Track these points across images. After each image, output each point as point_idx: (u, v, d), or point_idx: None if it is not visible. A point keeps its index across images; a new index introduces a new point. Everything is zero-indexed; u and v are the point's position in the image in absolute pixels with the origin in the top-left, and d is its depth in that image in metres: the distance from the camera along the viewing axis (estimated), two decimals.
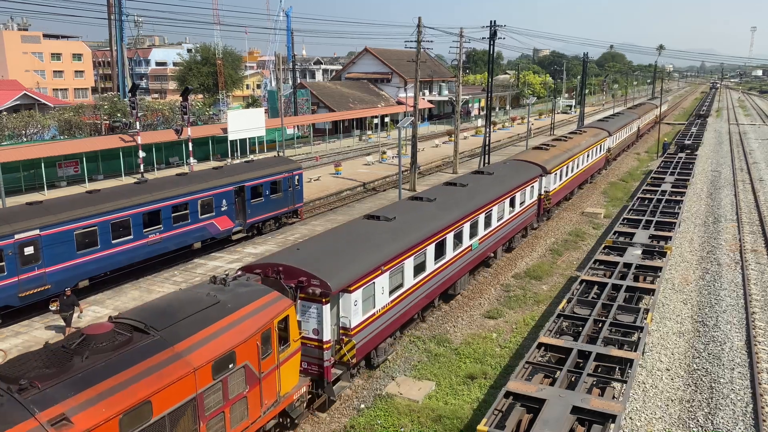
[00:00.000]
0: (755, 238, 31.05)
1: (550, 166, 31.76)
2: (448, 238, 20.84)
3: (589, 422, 11.60)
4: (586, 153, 40.17)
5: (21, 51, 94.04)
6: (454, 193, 23.74)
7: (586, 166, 40.85)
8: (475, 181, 26.03)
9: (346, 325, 15.23)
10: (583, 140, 40.95)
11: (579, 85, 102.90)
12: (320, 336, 14.58)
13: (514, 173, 28.61)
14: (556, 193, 33.66)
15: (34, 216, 20.91)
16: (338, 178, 46.46)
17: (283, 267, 14.81)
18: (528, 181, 28.89)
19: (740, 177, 48.50)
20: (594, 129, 48.30)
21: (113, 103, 57.70)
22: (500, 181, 26.45)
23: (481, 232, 23.62)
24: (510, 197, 26.44)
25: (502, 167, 29.78)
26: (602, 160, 47.50)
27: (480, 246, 23.75)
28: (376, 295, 16.37)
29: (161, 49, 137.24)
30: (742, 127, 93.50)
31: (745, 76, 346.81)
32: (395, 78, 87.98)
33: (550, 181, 31.59)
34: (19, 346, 18.55)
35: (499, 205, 25.25)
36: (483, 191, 24.48)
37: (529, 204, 29.39)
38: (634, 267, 20.82)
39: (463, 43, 48.94)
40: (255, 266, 15.12)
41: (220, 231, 28.37)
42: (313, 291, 14.25)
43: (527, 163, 31.25)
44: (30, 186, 41.67)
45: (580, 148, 38.69)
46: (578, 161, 38.11)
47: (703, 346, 19.08)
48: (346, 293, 15.08)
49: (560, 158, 34.19)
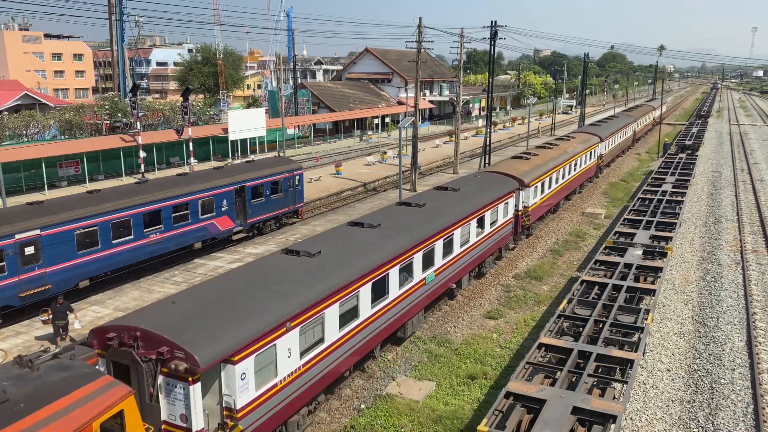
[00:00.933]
0: (756, 239, 31.03)
1: (529, 178, 28.80)
2: (392, 273, 17.32)
3: (589, 423, 11.59)
4: (573, 161, 36.88)
5: (22, 51, 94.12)
6: (405, 216, 20.06)
7: (573, 175, 37.70)
8: (434, 199, 22.42)
9: (230, 405, 11.82)
10: (569, 147, 37.61)
11: (580, 86, 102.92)
12: (189, 424, 11.27)
13: (485, 188, 25.22)
14: (537, 209, 30.45)
15: (35, 216, 20.92)
16: (339, 179, 46.47)
17: (140, 332, 11.39)
18: (502, 197, 25.59)
19: (741, 177, 48.47)
20: (584, 134, 44.86)
21: (114, 103, 57.74)
22: (466, 199, 23.07)
23: (438, 262, 20.21)
24: (478, 217, 23.21)
25: (472, 181, 26.23)
26: (593, 168, 44.43)
27: (437, 278, 20.32)
28: (279, 360, 12.84)
29: (162, 49, 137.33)
30: (742, 127, 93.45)
31: (746, 76, 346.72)
32: (396, 78, 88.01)
33: (529, 195, 28.55)
34: (20, 345, 18.56)
35: (464, 227, 21.96)
36: (442, 212, 20.97)
37: (503, 223, 26.00)
38: (635, 267, 20.80)
39: (463, 44, 48.96)
40: (108, 329, 11.73)
41: (220, 231, 28.37)
42: (176, 366, 10.90)
43: (502, 176, 27.98)
44: (31, 186, 41.70)
45: (566, 156, 35.55)
46: (564, 171, 34.93)
47: (704, 347, 19.07)
48: (229, 364, 11.64)
49: (542, 169, 31.11)
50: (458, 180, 26.90)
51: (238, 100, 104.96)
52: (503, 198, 25.82)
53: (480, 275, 25.26)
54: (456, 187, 24.20)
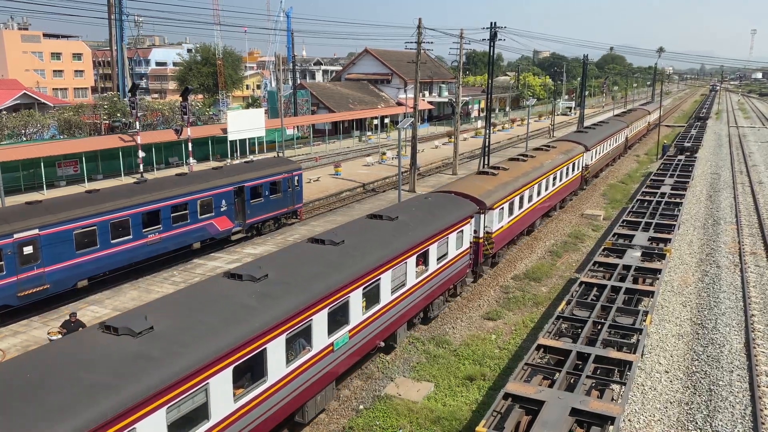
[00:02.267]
0: (754, 241, 31.07)
1: (493, 199, 24.69)
2: (273, 347, 12.56)
3: (587, 424, 11.59)
4: (551, 175, 32.92)
5: (21, 50, 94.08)
6: (313, 260, 15.35)
7: (551, 191, 33.54)
8: (360, 233, 17.75)
9: None
10: (548, 159, 33.68)
11: (579, 87, 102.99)
12: None
13: (433, 214, 20.69)
14: (503, 234, 26.27)
15: (34, 215, 20.90)
16: (338, 179, 46.47)
17: None
18: (455, 224, 21.23)
19: (740, 179, 48.53)
20: (566, 143, 40.33)
21: (113, 103, 57.69)
22: (403, 231, 18.39)
23: (355, 319, 15.61)
24: (420, 252, 18.86)
25: (418, 205, 21.38)
26: (577, 181, 40.27)
27: (354, 340, 15.69)
28: None
29: (161, 49, 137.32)
30: (741, 129, 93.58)
31: (745, 78, 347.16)
32: (395, 79, 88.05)
33: (493, 218, 24.56)
34: (18, 345, 18.55)
35: (398, 268, 17.49)
36: (366, 252, 16.40)
37: (456, 255, 21.72)
38: (634, 269, 20.80)
39: (463, 45, 49.00)
40: None
41: (219, 231, 28.36)
42: None
43: (458, 197, 23.40)
44: (29, 185, 41.66)
45: (542, 170, 31.43)
46: (539, 187, 30.84)
47: (702, 349, 19.08)
48: None
49: (510, 187, 26.95)
50: (401, 205, 22.02)
51: (237, 100, 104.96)
52: (457, 225, 21.39)
53: (426, 320, 20.98)
54: (393, 215, 19.37)
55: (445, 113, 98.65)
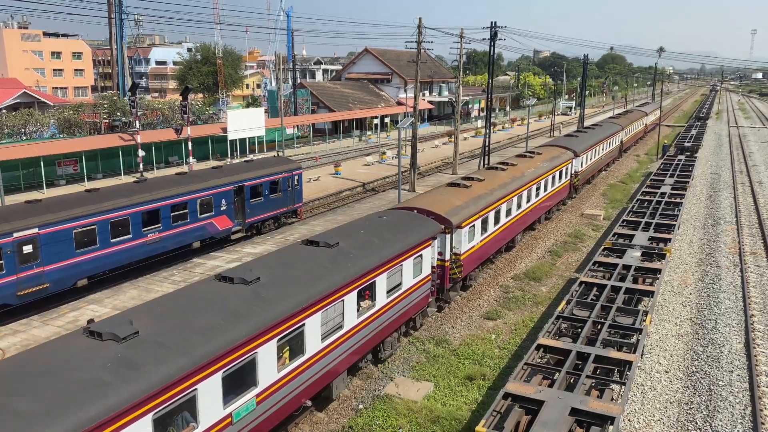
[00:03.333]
0: (754, 241, 31.06)
1: (462, 216, 21.88)
2: (139, 427, 9.73)
3: (587, 424, 11.58)
4: (534, 185, 30.10)
5: (21, 49, 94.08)
6: (208, 306, 12.18)
7: (534, 203, 30.57)
8: (281, 268, 14.50)
9: None
10: (530, 167, 30.69)
11: (579, 87, 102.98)
12: None
13: (384, 238, 17.39)
14: (475, 255, 23.31)
15: (33, 214, 20.89)
16: (338, 179, 46.46)
17: None
18: (414, 248, 18.26)
19: (740, 180, 48.52)
20: (553, 149, 37.36)
21: (113, 102, 57.68)
22: (340, 263, 15.30)
23: (267, 379, 12.68)
24: (364, 285, 15.89)
25: (368, 227, 18.35)
26: (565, 189, 37.28)
27: (263, 405, 12.66)
28: None
29: (161, 48, 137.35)
30: (741, 129, 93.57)
31: (745, 78, 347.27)
32: (395, 78, 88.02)
33: (462, 238, 21.74)
34: (18, 344, 18.53)
35: (330, 309, 14.52)
36: (281, 294, 13.23)
37: (415, 284, 18.73)
38: (634, 269, 20.80)
39: (463, 44, 48.97)
40: None
41: (219, 230, 28.35)
42: None
43: (420, 215, 20.40)
44: (29, 184, 41.64)
45: (523, 180, 28.62)
46: (519, 199, 27.97)
47: (702, 349, 19.07)
48: None
49: (483, 200, 24.08)
50: (347, 227, 18.70)
51: (237, 99, 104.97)
52: (415, 249, 18.40)
53: (377, 361, 18.08)
54: (332, 241, 16.23)
55: (445, 113, 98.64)
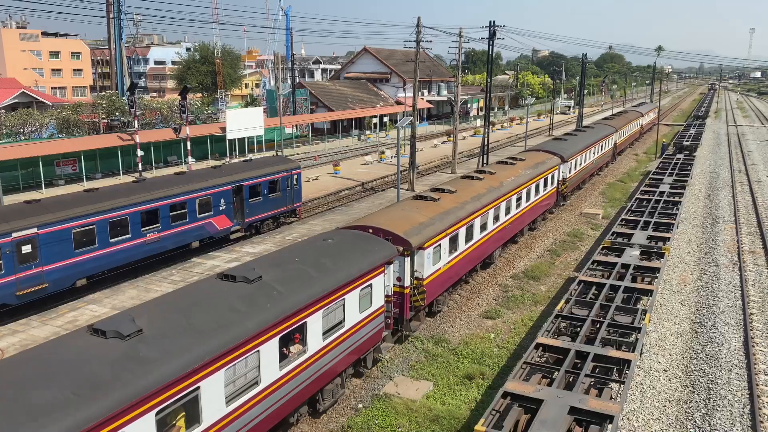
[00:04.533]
0: (753, 240, 31.09)
1: (425, 236, 19.12)
2: None
3: (586, 423, 11.59)
4: (515, 195, 27.67)
5: (19, 49, 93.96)
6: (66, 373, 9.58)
7: (515, 214, 28.03)
8: (172, 315, 11.70)
9: None
10: (510, 176, 28.14)
11: (578, 86, 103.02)
12: None
13: (321, 268, 14.77)
14: (442, 278, 20.72)
15: (32, 214, 20.88)
16: (337, 178, 46.46)
17: None
18: (361, 278, 15.66)
19: (738, 178, 48.57)
20: (539, 154, 35.06)
21: (112, 102, 57.65)
22: (257, 303, 12.64)
23: None
24: (291, 328, 13.26)
25: (306, 253, 15.61)
26: (552, 197, 34.95)
27: None
28: None
29: (160, 48, 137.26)
30: (740, 128, 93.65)
31: (744, 77, 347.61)
32: (394, 78, 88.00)
33: (425, 260, 19.06)
34: (17, 344, 18.53)
35: (239, 364, 11.83)
36: (165, 351, 10.55)
37: (363, 319, 16.14)
38: (633, 268, 20.81)
39: (462, 44, 48.98)
40: None
41: (218, 230, 28.35)
42: None
43: (373, 236, 17.75)
44: (28, 184, 41.61)
45: (501, 190, 26.16)
46: (496, 211, 25.52)
47: (701, 347, 19.10)
48: None
49: (453, 215, 21.41)
50: (279, 254, 15.92)
51: (236, 99, 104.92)
52: (363, 278, 15.75)
53: (316, 414, 15.43)
54: (252, 275, 13.39)
55: (444, 112, 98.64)
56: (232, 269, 13.99)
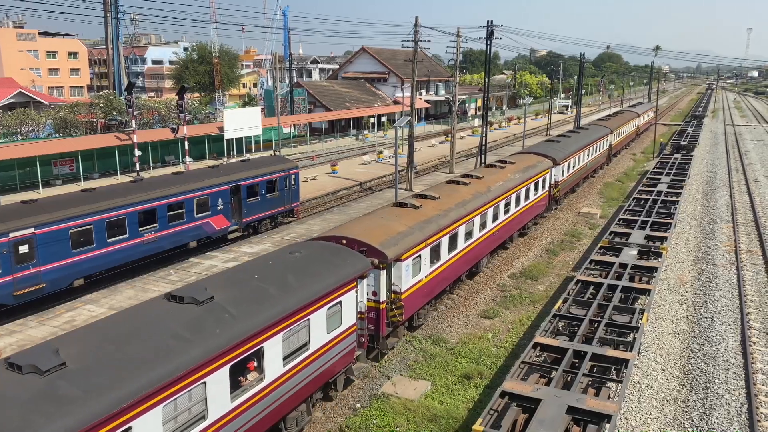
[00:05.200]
0: (750, 239, 31.14)
1: (403, 247, 17.99)
2: None
3: (584, 422, 11.60)
4: (504, 200, 26.66)
5: (16, 49, 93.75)
6: None
7: (503, 221, 26.92)
8: (108, 343, 10.52)
9: None
10: (498, 180, 27.05)
11: (576, 86, 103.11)
12: None
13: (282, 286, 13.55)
14: (422, 291, 19.48)
15: (29, 214, 20.85)
16: (335, 178, 46.44)
17: None
18: (327, 295, 14.43)
19: (736, 178, 48.65)
20: (530, 157, 33.88)
21: (109, 102, 57.58)
22: (206, 329, 11.45)
23: None
24: (245, 354, 12.08)
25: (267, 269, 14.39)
26: (543, 202, 33.63)
27: None
28: None
29: (157, 48, 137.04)
30: (737, 128, 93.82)
31: (741, 77, 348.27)
32: (392, 77, 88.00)
33: (403, 273, 17.93)
34: (14, 344, 18.48)
35: (183, 397, 10.75)
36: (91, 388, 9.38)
37: (330, 341, 14.87)
38: (630, 267, 20.82)
39: (459, 43, 48.98)
40: None
41: (216, 230, 28.31)
42: None
43: (345, 248, 16.55)
44: (25, 184, 41.52)
45: (488, 195, 25.08)
46: (483, 218, 24.40)
47: (699, 347, 19.13)
48: None
49: (435, 224, 20.20)
50: (235, 271, 14.60)
51: (233, 98, 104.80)
52: (330, 296, 14.56)
53: None
54: (203, 297, 12.15)
55: (442, 112, 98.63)
56: (182, 289, 12.79)
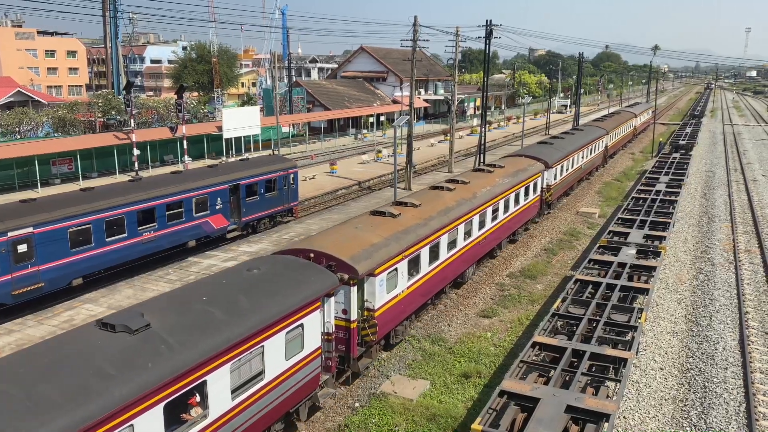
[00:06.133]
0: (749, 239, 31.18)
1: (376, 261, 16.55)
2: None
3: (583, 421, 11.61)
4: (491, 206, 25.27)
5: (15, 48, 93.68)
6: None
7: (490, 228, 25.56)
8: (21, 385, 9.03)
9: None
10: (485, 185, 25.61)
11: (574, 85, 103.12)
12: None
13: (233, 310, 12.14)
14: (399, 307, 18.12)
15: (28, 213, 20.82)
16: (334, 177, 46.44)
17: None
18: (285, 318, 12.94)
19: (734, 177, 48.69)
20: (521, 160, 32.39)
21: (108, 101, 57.54)
22: (137, 364, 10.09)
23: None
24: (183, 390, 10.73)
25: (218, 289, 12.96)
26: (535, 207, 32.18)
27: None
28: None
29: (156, 47, 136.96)
30: (736, 127, 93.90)
31: (740, 76, 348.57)
32: (391, 77, 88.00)
33: (376, 288, 16.54)
34: (12, 344, 18.47)
35: None
36: None
37: (292, 367, 13.46)
38: (629, 266, 20.84)
39: (459, 43, 48.97)
40: None
41: (214, 229, 28.30)
42: None
43: (311, 263, 15.08)
44: (23, 183, 41.49)
45: (474, 202, 23.71)
46: (468, 226, 23.07)
47: (697, 346, 19.15)
48: None
49: (413, 234, 18.82)
50: (183, 291, 13.20)
51: (232, 98, 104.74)
52: (289, 319, 13.08)
53: None
54: (138, 324, 10.80)
55: (441, 111, 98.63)
56: (115, 315, 11.31)
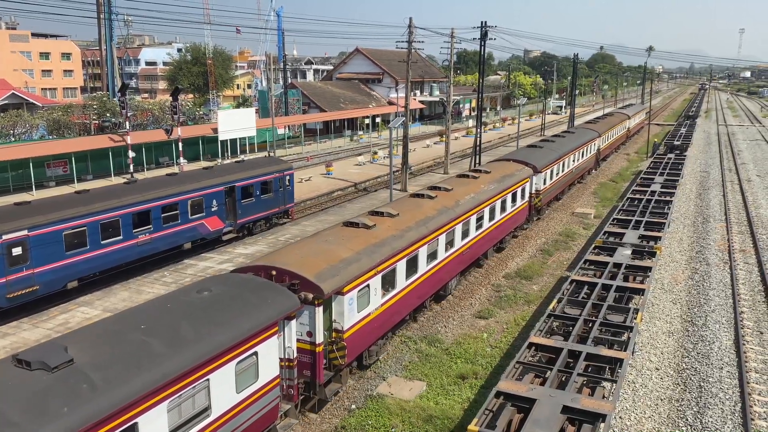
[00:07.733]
0: (743, 239, 31.29)
1: (345, 278, 15.08)
2: None
3: (579, 422, 11.64)
4: (475, 214, 23.95)
5: (9, 50, 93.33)
6: None
7: (475, 237, 24.29)
8: None
9: None
10: (469, 192, 24.42)
11: (569, 86, 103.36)
12: None
13: (179, 338, 10.91)
14: (369, 327, 16.60)
15: (23, 216, 20.74)
16: (329, 179, 46.42)
17: None
18: (237, 347, 11.75)
19: (729, 177, 48.87)
20: (508, 164, 31.13)
21: (103, 103, 57.41)
22: (45, 415, 8.57)
23: None
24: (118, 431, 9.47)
25: (163, 315, 11.68)
26: (523, 213, 31.06)
27: None
28: None
29: (151, 49, 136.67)
30: (730, 128, 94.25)
31: (734, 77, 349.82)
32: (386, 78, 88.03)
33: (345, 308, 15.12)
34: (8, 347, 18.39)
35: None
36: None
37: (244, 400, 12.22)
38: (624, 267, 20.91)
39: (454, 44, 49.05)
40: None
41: (210, 231, 28.25)
42: None
43: (267, 284, 13.64)
44: (18, 186, 41.33)
45: (457, 210, 22.38)
46: (450, 236, 21.75)
47: (692, 346, 19.20)
48: None
49: (389, 246, 17.48)
50: (122, 316, 11.87)
51: (228, 99, 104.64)
52: (240, 348, 11.87)
53: None
54: (60, 359, 9.53)
55: (437, 112, 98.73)
56: (33, 350, 9.97)
